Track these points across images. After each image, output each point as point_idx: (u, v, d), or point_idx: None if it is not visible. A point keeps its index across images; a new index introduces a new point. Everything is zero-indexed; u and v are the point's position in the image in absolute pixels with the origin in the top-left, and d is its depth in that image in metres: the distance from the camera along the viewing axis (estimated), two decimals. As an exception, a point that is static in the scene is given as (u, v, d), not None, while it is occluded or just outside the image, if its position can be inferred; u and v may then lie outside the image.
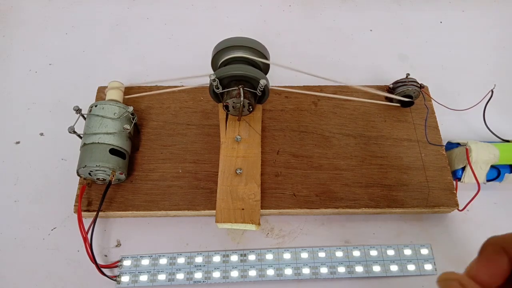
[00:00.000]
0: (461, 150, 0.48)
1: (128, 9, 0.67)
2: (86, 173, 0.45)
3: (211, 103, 0.53)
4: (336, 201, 0.47)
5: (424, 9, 0.69)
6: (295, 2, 0.69)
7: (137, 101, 0.53)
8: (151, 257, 0.45)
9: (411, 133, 0.52)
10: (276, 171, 0.49)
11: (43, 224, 0.47)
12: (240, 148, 0.48)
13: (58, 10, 0.67)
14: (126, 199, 0.46)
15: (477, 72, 0.62)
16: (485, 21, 0.68)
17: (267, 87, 0.46)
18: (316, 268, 0.45)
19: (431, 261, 0.46)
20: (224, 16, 0.67)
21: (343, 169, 0.49)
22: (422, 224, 0.49)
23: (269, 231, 0.48)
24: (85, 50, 0.62)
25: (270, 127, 0.52)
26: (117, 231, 0.47)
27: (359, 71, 0.61)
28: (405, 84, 0.52)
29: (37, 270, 0.45)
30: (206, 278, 0.44)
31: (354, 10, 0.69)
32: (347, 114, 0.53)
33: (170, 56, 0.62)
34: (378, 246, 0.46)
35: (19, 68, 0.60)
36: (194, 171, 0.48)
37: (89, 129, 0.45)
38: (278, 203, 0.46)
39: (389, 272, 0.45)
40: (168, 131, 0.51)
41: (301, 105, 0.54)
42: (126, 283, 0.43)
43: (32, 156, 0.52)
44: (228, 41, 0.47)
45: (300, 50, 0.64)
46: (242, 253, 0.46)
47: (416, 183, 0.48)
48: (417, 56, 0.63)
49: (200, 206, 0.46)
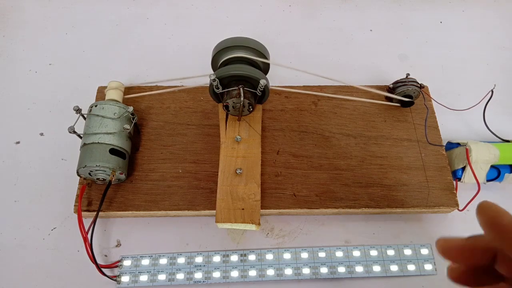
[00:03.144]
0: (461, 150, 0.48)
1: (128, 9, 0.67)
2: (86, 173, 0.45)
3: (211, 103, 0.53)
4: (336, 201, 0.47)
5: (424, 9, 0.69)
6: (295, 2, 0.69)
7: (137, 101, 0.53)
8: (151, 257, 0.45)
9: (411, 133, 0.52)
10: (276, 171, 0.49)
11: (43, 224, 0.47)
12: (240, 148, 0.48)
13: (58, 10, 0.67)
14: (126, 199, 0.46)
15: (477, 72, 0.62)
16: (485, 21, 0.68)
17: (267, 87, 0.46)
18: (316, 268, 0.45)
19: (431, 261, 0.46)
20: (224, 16, 0.67)
21: (343, 169, 0.49)
22: (422, 224, 0.49)
23: (269, 231, 0.48)
24: (85, 50, 0.62)
25: (270, 127, 0.52)
26: (117, 231, 0.47)
27: (359, 71, 0.61)
28: (405, 84, 0.52)
29: (37, 270, 0.45)
30: (206, 278, 0.44)
31: (354, 10, 0.69)
32: (347, 114, 0.53)
33: (170, 56, 0.62)
34: (378, 246, 0.46)
35: (19, 68, 0.60)
36: (194, 171, 0.48)
37: (89, 129, 0.45)
38: (278, 203, 0.46)
39: (389, 272, 0.45)
40: (168, 131, 0.51)
41: (301, 105, 0.54)
42: (126, 283, 0.43)
43: (32, 156, 0.52)
44: (228, 41, 0.47)
45: (300, 50, 0.64)
46: (242, 253, 0.46)
47: (416, 183, 0.48)
48: (417, 56, 0.63)
49: (200, 206, 0.46)
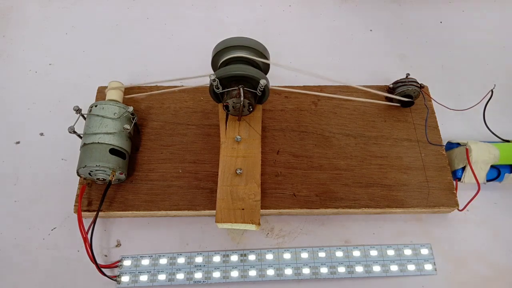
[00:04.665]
0: (461, 150, 0.48)
1: (128, 9, 0.67)
2: (86, 173, 0.45)
3: (211, 103, 0.53)
4: (336, 201, 0.47)
5: (424, 9, 0.69)
6: (295, 2, 0.69)
7: (137, 101, 0.53)
8: (151, 257, 0.45)
9: (411, 133, 0.52)
10: (276, 171, 0.49)
11: (43, 224, 0.47)
12: (240, 148, 0.48)
13: (58, 10, 0.67)
14: (126, 199, 0.46)
15: (477, 72, 0.62)
16: (485, 21, 0.68)
17: (267, 87, 0.46)
18: (316, 268, 0.45)
19: (431, 261, 0.46)
20: (224, 16, 0.67)
21: (343, 169, 0.49)
22: (422, 224, 0.49)
23: (269, 231, 0.48)
24: (85, 50, 0.62)
25: (270, 127, 0.52)
26: (117, 231, 0.47)
27: (359, 71, 0.61)
28: (405, 84, 0.52)
29: (37, 270, 0.45)
30: (206, 278, 0.44)
31: (354, 10, 0.69)
32: (347, 114, 0.53)
33: (170, 56, 0.62)
34: (378, 246, 0.46)
35: (19, 68, 0.60)
36: (194, 171, 0.48)
37: (89, 129, 0.45)
38: (278, 203, 0.46)
39: (389, 272, 0.45)
40: (168, 131, 0.51)
41: (301, 105, 0.54)
42: (126, 283, 0.43)
43: (32, 156, 0.52)
44: (228, 41, 0.47)
45: (300, 50, 0.64)
46: (242, 253, 0.46)
47: (416, 183, 0.48)
48: (417, 56, 0.63)
49: (200, 206, 0.46)
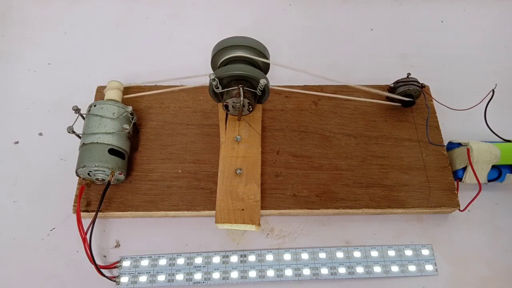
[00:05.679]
0: (462, 150, 0.48)
1: (128, 9, 0.67)
2: (85, 173, 0.44)
3: (211, 103, 0.53)
4: (337, 202, 0.47)
5: (425, 8, 0.69)
6: (295, 2, 0.69)
7: (136, 101, 0.52)
8: (150, 258, 0.45)
9: (412, 133, 0.52)
10: (276, 171, 0.48)
11: (42, 225, 0.47)
12: (240, 148, 0.48)
13: (57, 10, 0.67)
14: (125, 200, 0.46)
15: (478, 71, 0.62)
16: (486, 21, 0.68)
17: (267, 87, 0.45)
18: (316, 269, 0.45)
19: (432, 261, 0.46)
20: (224, 15, 0.67)
21: (344, 169, 0.49)
22: (423, 225, 0.48)
23: (269, 232, 0.48)
24: (84, 50, 0.62)
25: (270, 127, 0.51)
26: (116, 232, 0.47)
27: (360, 71, 0.61)
28: (406, 83, 0.51)
29: (36, 271, 0.45)
30: (205, 279, 0.44)
31: (354, 9, 0.69)
32: (347, 114, 0.53)
33: (170, 56, 0.62)
34: (378, 247, 0.46)
35: (18, 67, 0.60)
36: (193, 171, 0.48)
37: (88, 129, 0.45)
38: (278, 204, 0.46)
39: (390, 273, 0.45)
40: (168, 131, 0.51)
41: (301, 105, 0.53)
42: (125, 284, 0.43)
43: (31, 156, 0.52)
44: (228, 40, 0.46)
45: (300, 50, 0.63)
46: (242, 253, 0.45)
47: (417, 183, 0.48)
48: (418, 56, 0.63)
49: (200, 207, 0.46)
